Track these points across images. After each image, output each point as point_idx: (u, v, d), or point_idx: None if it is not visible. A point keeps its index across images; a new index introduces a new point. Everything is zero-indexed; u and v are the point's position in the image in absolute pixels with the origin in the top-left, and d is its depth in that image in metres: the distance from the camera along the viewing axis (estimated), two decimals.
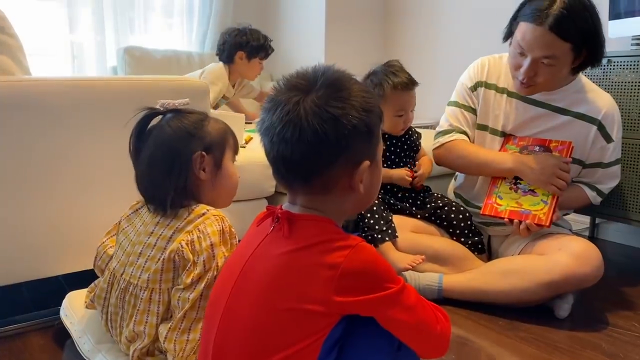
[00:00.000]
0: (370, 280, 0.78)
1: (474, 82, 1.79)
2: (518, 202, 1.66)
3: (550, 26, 1.46)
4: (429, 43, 3.21)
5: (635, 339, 1.47)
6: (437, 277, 1.66)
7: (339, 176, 0.81)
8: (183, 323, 0.99)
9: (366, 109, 0.80)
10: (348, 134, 0.78)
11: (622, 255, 2.27)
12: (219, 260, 1.00)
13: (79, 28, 2.97)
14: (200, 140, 1.09)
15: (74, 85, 1.44)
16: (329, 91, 0.79)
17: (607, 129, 1.67)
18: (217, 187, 1.12)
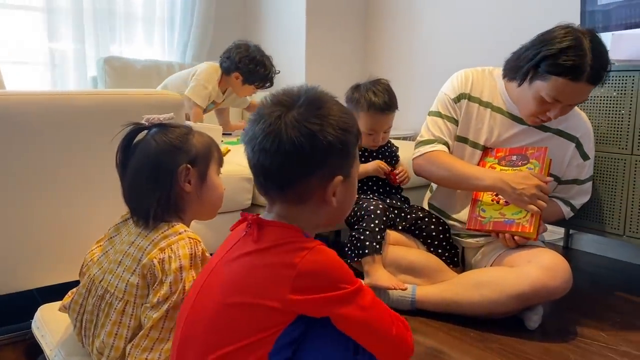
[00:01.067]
0: (325, 281, 0.83)
1: (458, 94, 1.79)
2: (501, 212, 1.68)
3: (588, 79, 1.49)
4: (408, 53, 3.24)
5: (601, 349, 1.50)
6: (410, 289, 1.69)
7: (313, 188, 0.88)
8: (145, 341, 0.99)
9: (343, 128, 0.87)
10: (323, 149, 0.85)
11: (595, 266, 2.31)
12: (187, 284, 1.01)
13: (58, 37, 2.96)
14: (186, 153, 1.10)
15: (49, 99, 1.44)
16: (309, 108, 0.86)
17: (585, 147, 1.73)
18: (202, 199, 1.14)
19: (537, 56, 1.54)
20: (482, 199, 1.73)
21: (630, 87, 1.80)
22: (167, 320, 1.00)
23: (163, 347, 1.00)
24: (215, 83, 2.50)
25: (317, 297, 0.82)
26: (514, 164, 1.71)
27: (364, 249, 1.70)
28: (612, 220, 1.88)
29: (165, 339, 1.00)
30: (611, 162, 1.87)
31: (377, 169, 1.89)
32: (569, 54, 1.48)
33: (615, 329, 1.63)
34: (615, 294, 1.94)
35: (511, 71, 1.66)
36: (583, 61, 1.47)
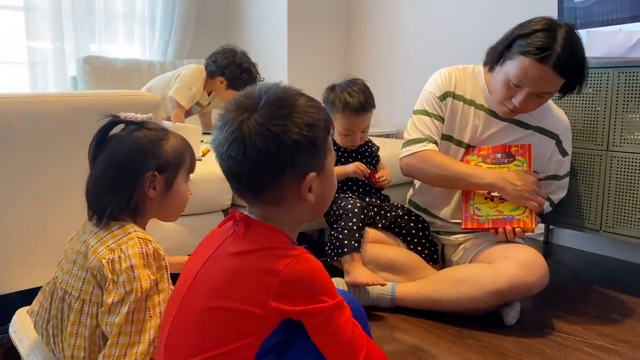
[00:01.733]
0: (307, 291, 0.83)
1: (443, 92, 1.78)
2: (497, 209, 1.69)
3: (554, 65, 1.49)
4: (390, 51, 3.25)
5: (577, 343, 1.53)
6: (390, 286, 1.70)
7: (287, 188, 0.88)
8: (117, 350, 0.99)
9: (309, 123, 0.85)
10: (290, 149, 0.84)
11: (575, 260, 2.34)
12: (143, 283, 1.00)
13: (37, 35, 2.93)
14: (155, 158, 1.09)
15: (25, 102, 1.43)
16: (271, 109, 0.85)
17: (564, 144, 1.75)
18: (164, 205, 1.13)
19: (511, 37, 1.58)
20: (473, 197, 1.74)
21: (606, 83, 1.82)
22: (134, 324, 1.00)
23: (136, 350, 1.00)
24: (200, 85, 2.50)
25: (298, 310, 0.82)
26: (499, 161, 1.72)
27: (343, 248, 1.71)
28: (589, 215, 1.90)
29: (136, 342, 1.00)
30: (587, 158, 1.89)
31: (356, 172, 1.89)
32: (540, 35, 1.51)
33: (592, 323, 1.66)
34: (593, 288, 1.97)
35: (489, 56, 1.69)
36: (551, 44, 1.49)
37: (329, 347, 0.86)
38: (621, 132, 1.80)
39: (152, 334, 1.02)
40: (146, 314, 1.01)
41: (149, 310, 1.02)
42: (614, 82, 1.80)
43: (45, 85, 2.97)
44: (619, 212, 1.82)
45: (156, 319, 1.03)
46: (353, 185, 1.96)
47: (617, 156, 1.82)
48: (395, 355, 1.44)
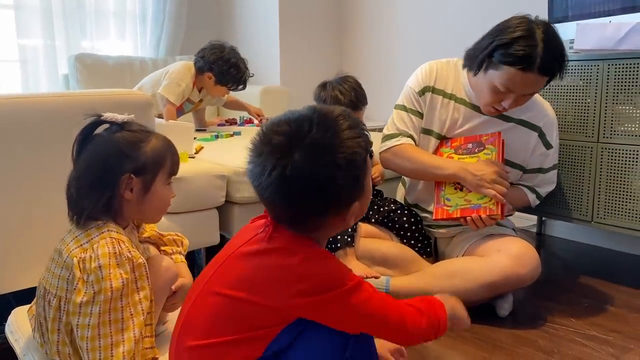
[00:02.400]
0: (325, 282, 0.85)
1: (422, 87, 1.80)
2: (465, 199, 1.71)
3: (539, 69, 1.50)
4: (382, 45, 3.26)
5: (569, 333, 1.55)
6: (384, 280, 1.71)
7: (330, 219, 0.89)
8: (100, 353, 0.98)
9: (352, 159, 0.84)
10: (336, 194, 0.85)
11: (567, 251, 2.37)
12: (114, 282, 0.99)
13: (27, 33, 2.92)
14: (133, 161, 1.08)
15: (16, 102, 1.42)
16: (313, 155, 0.82)
17: (547, 137, 1.75)
18: (142, 207, 1.12)
19: (491, 45, 1.56)
20: (444, 189, 1.75)
21: (595, 76, 1.84)
22: (113, 324, 0.99)
23: (122, 349, 0.99)
24: (189, 81, 2.49)
25: (317, 299, 0.84)
26: (470, 151, 1.74)
27: (336, 243, 1.72)
28: (580, 207, 1.92)
29: (120, 341, 0.99)
30: (578, 150, 1.91)
31: None
32: (521, 43, 1.50)
33: (584, 313, 1.68)
34: (585, 279, 1.99)
35: (469, 60, 1.68)
36: (534, 51, 1.49)
37: (363, 325, 0.89)
38: (611, 124, 1.82)
39: (137, 332, 1.01)
40: (125, 312, 1.01)
41: (130, 309, 1.02)
42: (603, 74, 1.81)
43: (37, 83, 2.96)
44: (610, 203, 1.84)
45: (139, 316, 1.02)
46: None
47: (607, 148, 1.83)
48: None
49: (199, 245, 1.90)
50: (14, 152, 1.41)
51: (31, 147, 1.43)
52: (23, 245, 1.45)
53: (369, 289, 0.90)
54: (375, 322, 0.90)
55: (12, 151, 1.41)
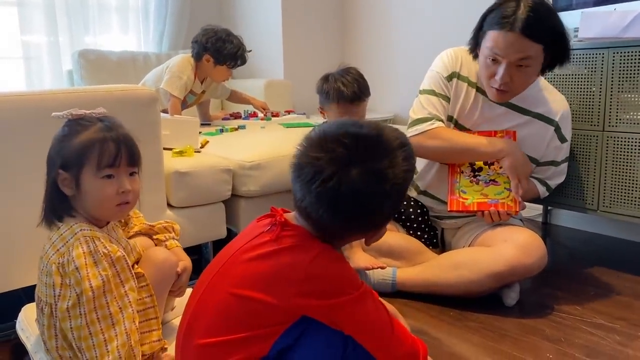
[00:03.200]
0: (331, 285, 0.86)
1: (450, 72, 1.78)
2: (482, 193, 1.72)
3: (521, 29, 1.49)
4: (384, 37, 3.25)
5: (576, 322, 1.55)
6: (391, 271, 1.72)
7: (355, 237, 0.94)
8: (96, 350, 0.99)
9: (399, 191, 0.88)
10: (378, 217, 0.89)
11: (573, 240, 2.37)
12: (93, 281, 0.99)
13: (31, 30, 2.92)
14: (59, 157, 1.07)
15: (23, 99, 1.43)
16: (371, 177, 0.84)
17: (563, 130, 1.75)
18: (84, 202, 1.09)
19: (481, 18, 1.61)
20: (459, 180, 1.76)
21: (600, 64, 1.83)
22: (102, 321, 1.00)
23: (116, 344, 1.00)
24: (190, 72, 2.49)
25: (322, 303, 0.85)
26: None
27: None
28: (586, 195, 1.92)
29: (112, 337, 1.00)
30: (584, 139, 1.90)
31: None
32: (504, 6, 1.53)
33: (590, 302, 1.68)
34: (591, 267, 1.99)
35: (470, 45, 1.70)
36: (515, 11, 1.50)
37: (359, 333, 0.89)
38: (617, 112, 1.81)
39: (127, 324, 1.02)
40: (112, 307, 1.01)
41: (116, 303, 1.02)
42: (608, 62, 1.80)
43: (41, 79, 2.97)
44: (615, 191, 1.83)
45: (128, 308, 1.03)
46: None
47: (613, 136, 1.83)
48: None
49: (206, 239, 1.91)
50: (22, 149, 1.42)
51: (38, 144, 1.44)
52: (32, 242, 1.46)
53: (375, 300, 0.91)
54: (373, 335, 0.90)
55: (20, 148, 1.41)
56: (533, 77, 1.64)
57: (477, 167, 1.75)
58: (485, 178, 1.73)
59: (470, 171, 1.75)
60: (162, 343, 1.16)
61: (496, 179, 1.72)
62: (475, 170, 1.75)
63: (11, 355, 1.41)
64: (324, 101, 1.91)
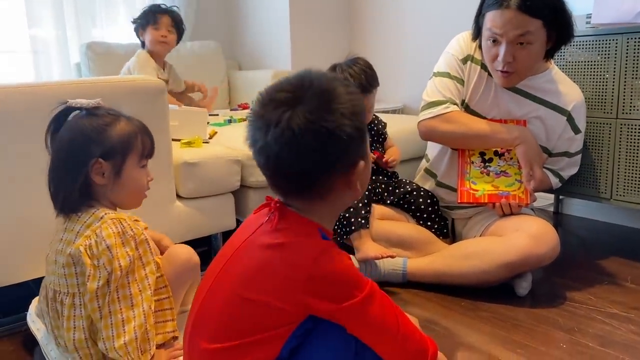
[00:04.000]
0: (335, 287, 0.83)
1: (465, 55, 1.75)
2: (493, 184, 1.70)
3: (517, 5, 1.48)
4: (392, 27, 3.21)
5: (589, 312, 1.53)
6: (401, 261, 1.71)
7: (337, 182, 0.86)
8: (113, 330, 1.01)
9: (355, 112, 0.84)
10: (345, 144, 0.82)
11: (585, 229, 2.34)
12: (122, 260, 1.02)
13: (38, 23, 2.91)
14: (99, 145, 1.08)
15: (32, 91, 1.43)
16: (317, 103, 0.81)
17: (576, 121, 1.71)
18: (116, 191, 1.12)
19: (480, 4, 1.61)
20: (469, 171, 1.74)
21: (614, 50, 1.79)
22: (122, 300, 1.01)
23: (133, 325, 1.01)
24: (150, 61, 2.44)
25: (328, 307, 0.82)
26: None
27: (351, 226, 1.71)
28: (599, 184, 1.89)
29: (130, 317, 1.02)
30: (597, 127, 1.87)
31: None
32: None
33: (604, 291, 1.66)
34: (604, 257, 1.97)
35: (473, 33, 1.69)
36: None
37: (364, 335, 0.86)
38: (631, 99, 1.78)
39: (145, 306, 1.03)
40: (133, 288, 1.03)
41: (137, 284, 1.04)
42: (622, 48, 1.77)
43: (50, 73, 2.97)
44: (629, 179, 1.81)
45: (147, 291, 1.05)
46: None
47: (626, 124, 1.80)
48: None
49: (216, 230, 1.91)
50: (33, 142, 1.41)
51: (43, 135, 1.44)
52: (43, 234, 1.47)
53: (381, 296, 0.88)
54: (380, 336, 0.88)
55: (31, 140, 1.41)
56: (537, 58, 1.60)
57: (487, 157, 1.73)
58: (496, 169, 1.71)
59: (481, 162, 1.73)
60: (175, 333, 1.16)
61: (507, 170, 1.70)
62: (485, 161, 1.73)
63: (22, 347, 1.42)
64: None
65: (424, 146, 2.05)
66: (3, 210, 1.40)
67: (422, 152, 2.09)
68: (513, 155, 1.70)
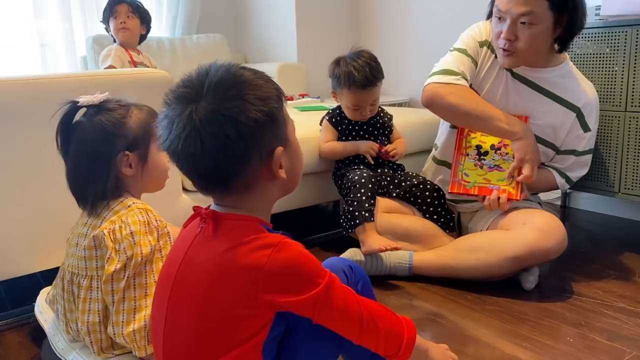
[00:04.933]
0: (294, 278, 0.79)
1: (483, 39, 1.73)
2: (485, 177, 1.69)
3: None
4: (398, 20, 3.20)
5: (596, 306, 1.52)
6: (407, 255, 1.70)
7: (257, 171, 0.82)
8: (124, 316, 1.02)
9: (261, 97, 0.79)
10: (250, 130, 0.77)
11: (592, 223, 2.33)
12: (144, 248, 1.03)
13: (45, 16, 2.92)
14: (123, 139, 1.10)
15: (35, 83, 1.43)
16: (218, 93, 0.77)
17: (586, 118, 1.68)
18: (144, 178, 1.15)
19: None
20: (463, 163, 1.73)
21: (624, 43, 1.78)
22: (137, 288, 1.03)
23: (144, 314, 1.02)
24: (118, 52, 2.42)
25: (289, 300, 0.78)
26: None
27: (355, 220, 1.71)
28: (607, 178, 1.88)
29: (142, 306, 1.02)
30: (605, 120, 1.86)
31: (367, 151, 1.90)
32: None
33: (611, 285, 1.65)
34: (611, 251, 1.96)
35: (488, 12, 1.68)
36: None
37: (331, 322, 0.83)
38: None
39: None
40: (149, 278, 1.04)
41: (153, 275, 1.05)
42: (632, 40, 1.75)
43: (57, 66, 2.98)
44: (638, 173, 1.79)
45: None
46: (365, 157, 1.94)
47: (636, 117, 1.78)
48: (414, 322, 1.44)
49: None
50: (39, 134, 1.42)
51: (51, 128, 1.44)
52: (49, 226, 1.47)
53: (337, 282, 0.84)
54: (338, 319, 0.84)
55: (36, 133, 1.41)
56: (542, 41, 1.57)
57: (483, 151, 1.71)
58: (490, 163, 1.70)
59: (476, 154, 1.72)
60: None
61: (501, 165, 1.68)
62: (481, 154, 1.71)
63: (30, 338, 1.43)
64: (336, 86, 1.89)
65: (430, 140, 2.05)
66: (10, 203, 1.41)
67: (428, 145, 2.08)
68: (509, 151, 1.68)
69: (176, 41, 3.05)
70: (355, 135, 1.96)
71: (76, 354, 1.15)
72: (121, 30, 2.46)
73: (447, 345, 1.11)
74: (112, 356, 1.09)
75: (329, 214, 2.60)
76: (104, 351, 1.08)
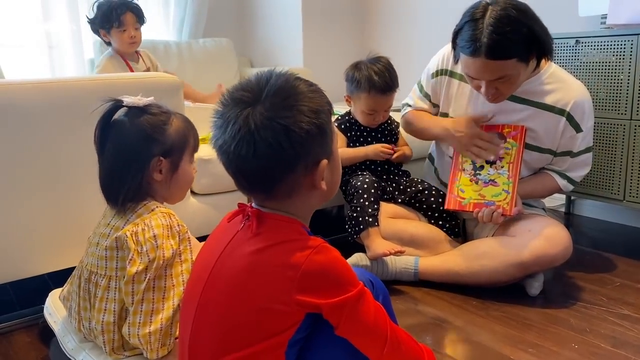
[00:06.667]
0: (329, 282, 0.81)
1: (437, 69, 1.81)
2: (480, 193, 1.70)
3: (486, 55, 1.44)
4: (404, 26, 3.21)
5: (601, 312, 1.53)
6: (412, 260, 1.71)
7: (300, 180, 0.84)
8: (141, 317, 1.03)
9: (315, 110, 0.82)
10: (302, 140, 0.80)
11: (597, 230, 2.33)
12: (166, 252, 1.04)
13: (53, 18, 2.94)
14: (160, 144, 1.12)
15: (44, 87, 1.44)
16: (275, 100, 0.80)
17: (577, 119, 1.66)
18: (171, 186, 1.17)
19: (454, 33, 1.57)
20: (459, 179, 1.74)
21: (629, 51, 1.79)
22: (156, 291, 1.04)
23: (161, 316, 1.03)
24: (112, 61, 2.34)
25: (322, 302, 0.80)
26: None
27: (359, 225, 1.72)
28: (612, 185, 1.89)
29: (160, 309, 1.04)
30: (610, 128, 1.87)
31: (377, 154, 1.90)
32: (466, 29, 1.49)
33: (616, 292, 1.66)
34: (616, 258, 1.96)
35: (453, 55, 1.63)
36: (478, 36, 1.44)
37: (355, 335, 0.84)
38: None
39: (175, 301, 1.06)
40: (168, 281, 1.06)
41: (172, 279, 1.06)
42: (637, 49, 1.76)
43: (64, 68, 2.99)
44: None
45: (179, 287, 1.07)
46: (371, 164, 1.95)
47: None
48: (419, 327, 1.46)
49: None
50: (49, 137, 1.43)
51: (68, 133, 1.45)
52: (57, 228, 1.49)
53: (370, 296, 0.86)
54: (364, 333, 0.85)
55: (47, 137, 1.43)
56: (523, 79, 1.58)
57: (479, 165, 1.72)
58: (485, 178, 1.70)
59: (472, 169, 1.73)
60: None
61: (496, 179, 1.68)
62: (476, 169, 1.72)
63: (39, 339, 1.44)
64: (354, 89, 1.89)
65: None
66: (20, 205, 1.42)
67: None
68: (504, 164, 1.68)
69: (183, 45, 3.06)
70: (363, 141, 1.97)
71: (86, 354, 1.16)
72: (130, 44, 2.37)
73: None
74: (122, 357, 1.10)
75: (333, 218, 2.61)
76: (115, 351, 1.09)
